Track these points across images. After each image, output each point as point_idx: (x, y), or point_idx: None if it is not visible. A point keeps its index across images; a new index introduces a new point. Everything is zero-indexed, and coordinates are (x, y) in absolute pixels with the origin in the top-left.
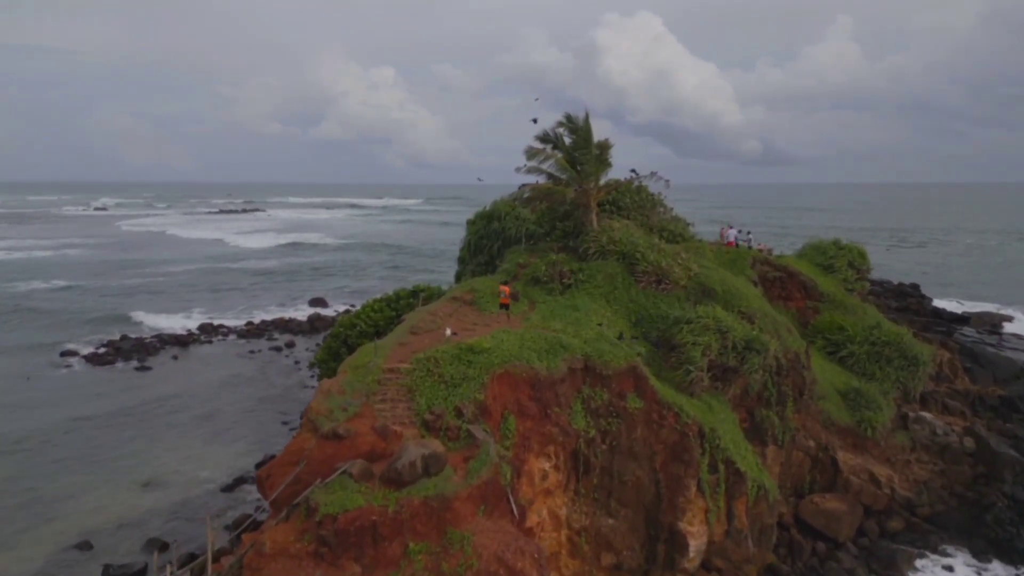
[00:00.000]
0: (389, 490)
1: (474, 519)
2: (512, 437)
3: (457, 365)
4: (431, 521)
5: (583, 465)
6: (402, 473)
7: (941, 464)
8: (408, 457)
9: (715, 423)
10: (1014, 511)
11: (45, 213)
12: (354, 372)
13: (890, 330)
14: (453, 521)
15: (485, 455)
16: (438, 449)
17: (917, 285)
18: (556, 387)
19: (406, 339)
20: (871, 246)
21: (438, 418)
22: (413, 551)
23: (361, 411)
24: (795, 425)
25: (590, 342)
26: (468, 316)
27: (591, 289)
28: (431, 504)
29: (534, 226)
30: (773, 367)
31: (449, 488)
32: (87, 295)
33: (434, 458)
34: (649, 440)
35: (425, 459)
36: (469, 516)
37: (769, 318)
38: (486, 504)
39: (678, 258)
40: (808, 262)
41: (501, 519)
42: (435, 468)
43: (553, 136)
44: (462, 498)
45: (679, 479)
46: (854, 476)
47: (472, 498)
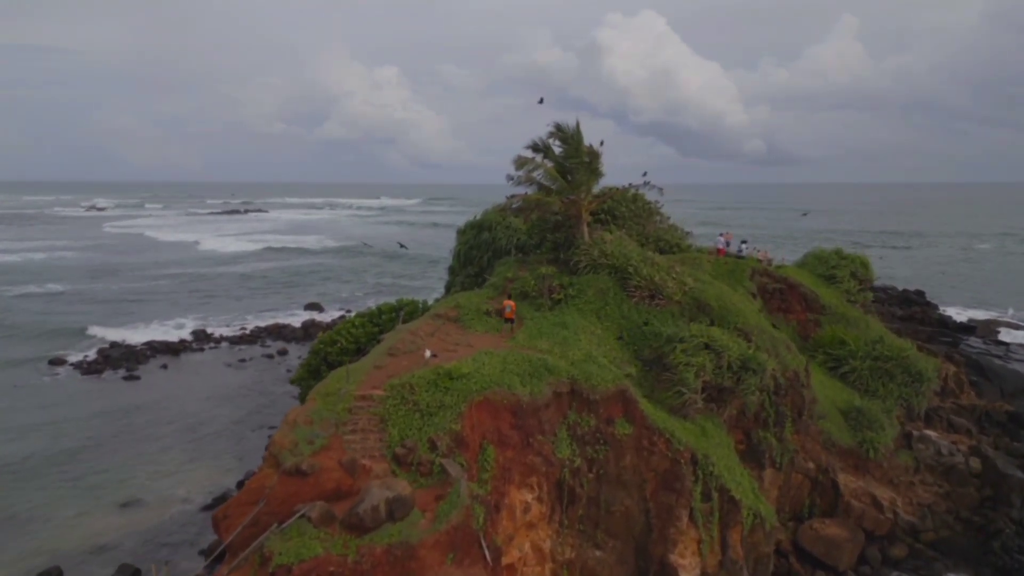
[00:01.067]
0: (350, 537)
1: (441, 568)
2: (491, 469)
3: (433, 392)
4: (394, 571)
5: (568, 496)
6: (364, 519)
7: (946, 486)
8: (371, 501)
9: (709, 448)
10: (1023, 538)
11: (34, 214)
12: (323, 400)
13: (893, 344)
14: (418, 571)
15: (455, 496)
16: (404, 491)
17: (922, 292)
18: (540, 413)
19: (383, 362)
20: (875, 249)
21: (410, 452)
22: None
23: (329, 443)
24: (794, 447)
25: (577, 364)
26: (451, 335)
27: (581, 305)
28: (394, 553)
29: (525, 237)
30: (771, 387)
31: (414, 535)
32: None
33: (399, 501)
34: (639, 467)
35: (389, 503)
36: (436, 565)
37: (767, 335)
38: (455, 551)
39: (672, 272)
40: (809, 272)
41: (472, 566)
42: (400, 512)
43: (543, 145)
44: (428, 545)
45: (670, 508)
46: (855, 500)
47: (439, 545)
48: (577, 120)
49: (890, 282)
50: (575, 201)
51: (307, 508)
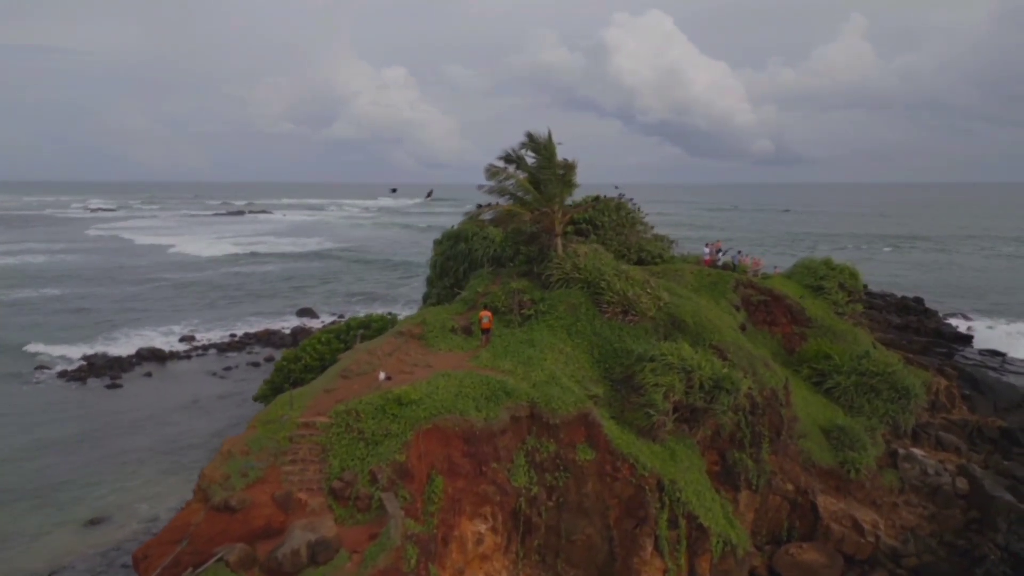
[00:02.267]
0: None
1: None
2: (438, 501)
3: (380, 419)
4: None
5: (525, 525)
6: (283, 563)
7: (931, 508)
8: (291, 544)
9: (677, 473)
10: (1008, 564)
11: (28, 215)
12: (264, 428)
13: (880, 359)
14: None
15: (386, 538)
16: (328, 533)
17: (921, 299)
18: (495, 440)
19: (334, 385)
20: (879, 252)
21: (348, 485)
22: None
23: (265, 476)
24: (771, 467)
25: (539, 385)
26: (412, 354)
27: (552, 321)
28: None
29: (500, 249)
30: (746, 406)
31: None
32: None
33: (322, 545)
34: (602, 494)
35: (311, 546)
36: None
37: (744, 352)
38: None
39: (647, 286)
40: (797, 283)
41: None
42: (323, 556)
43: (515, 155)
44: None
45: (634, 537)
46: (835, 523)
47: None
48: (549, 130)
49: (893, 288)
50: (546, 213)
51: (225, 550)
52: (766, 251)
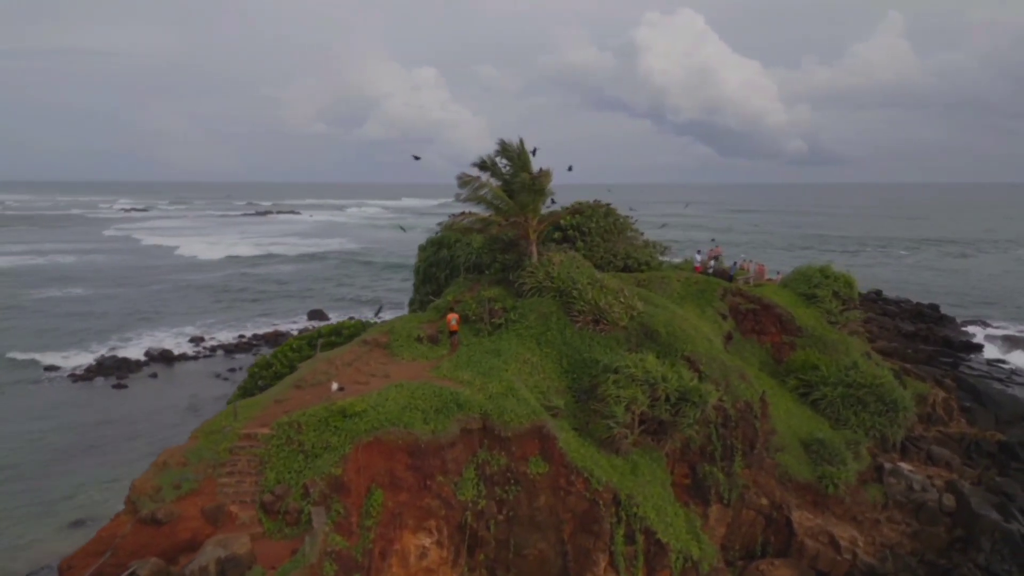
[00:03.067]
0: None
1: None
2: (376, 515)
3: (321, 432)
4: None
5: (472, 539)
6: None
7: (915, 525)
8: (200, 561)
9: (635, 487)
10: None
11: (56, 215)
12: (205, 439)
13: (868, 371)
14: None
15: (302, 554)
16: (240, 550)
17: (936, 305)
18: (444, 453)
19: (285, 395)
20: (904, 257)
21: (278, 499)
22: None
23: (199, 488)
24: (744, 481)
25: (495, 397)
26: (372, 364)
27: (522, 330)
28: None
29: (478, 256)
30: (718, 419)
31: None
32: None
33: (232, 562)
34: (555, 508)
35: (221, 562)
36: None
37: (717, 363)
38: None
39: (620, 295)
40: (791, 291)
41: None
42: (234, 573)
43: (489, 163)
44: None
45: (588, 552)
46: (810, 539)
47: None
48: (521, 138)
49: (916, 293)
50: (517, 222)
51: (138, 564)
52: (783, 255)
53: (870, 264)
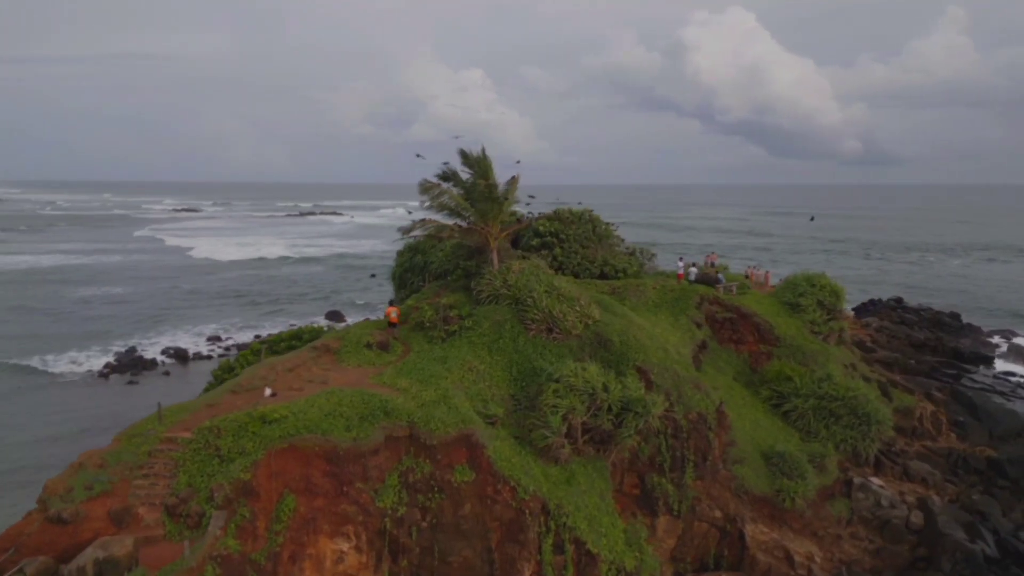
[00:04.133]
0: None
1: None
2: (286, 520)
3: (239, 437)
4: None
5: (393, 545)
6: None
7: (878, 542)
8: (79, 562)
9: (567, 497)
10: None
11: (102, 216)
12: (128, 441)
13: (842, 383)
14: None
15: (184, 559)
16: (119, 552)
17: (958, 314)
18: (365, 460)
19: (219, 400)
20: (942, 262)
21: (182, 502)
22: None
23: (113, 489)
24: (695, 493)
25: (426, 405)
26: (314, 370)
27: (474, 337)
28: None
29: (445, 264)
30: (668, 429)
31: None
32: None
33: (111, 563)
34: (482, 517)
35: (98, 563)
36: None
37: (670, 373)
38: None
39: (576, 304)
40: (775, 300)
41: None
42: (112, 574)
43: (451, 172)
44: None
45: (514, 561)
46: (763, 553)
47: None
48: (483, 147)
49: (946, 299)
50: (472, 229)
51: (27, 562)
52: (812, 259)
53: (906, 269)
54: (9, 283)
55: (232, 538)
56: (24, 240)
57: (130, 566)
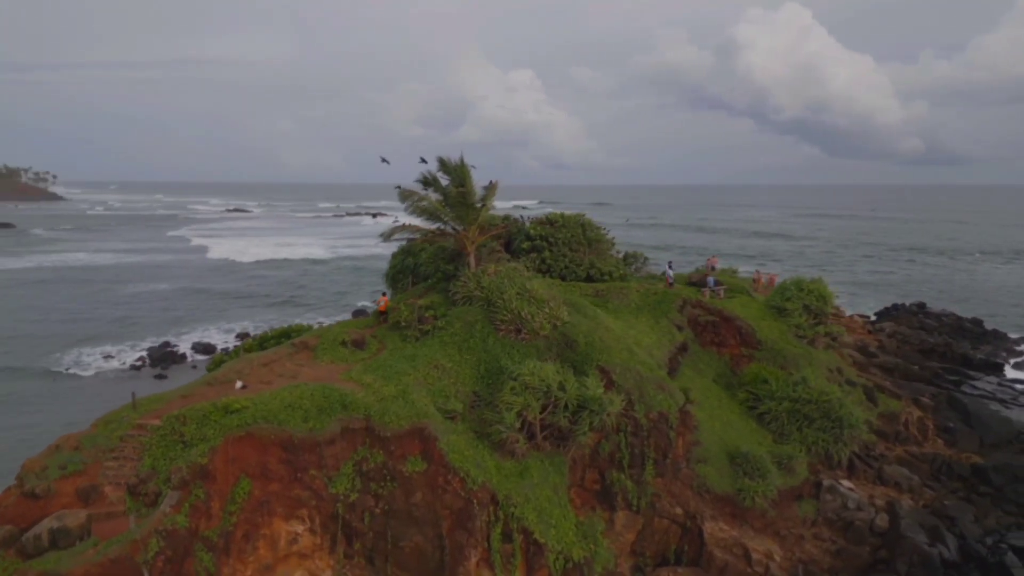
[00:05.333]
0: (18, 560)
1: None
2: (241, 502)
3: (202, 425)
4: None
5: (346, 529)
6: (26, 545)
7: (840, 543)
8: (36, 531)
9: (517, 489)
10: None
11: (145, 216)
12: (104, 427)
13: (817, 387)
14: None
15: (130, 531)
16: (72, 523)
17: (980, 320)
18: (321, 449)
19: (194, 391)
20: (987, 267)
21: (142, 482)
22: None
23: (84, 469)
24: (655, 490)
25: (385, 400)
26: (288, 365)
27: (446, 337)
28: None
29: (428, 266)
30: (628, 427)
31: (65, 563)
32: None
33: (63, 532)
34: (433, 505)
35: (53, 532)
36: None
37: (632, 373)
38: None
39: (545, 306)
40: (763, 304)
41: None
42: (64, 542)
43: (431, 178)
44: (78, 574)
45: (462, 547)
46: (720, 550)
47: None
48: (461, 155)
49: (978, 307)
50: (450, 233)
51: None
52: (836, 263)
53: (944, 275)
54: (59, 280)
55: (182, 515)
56: (70, 239)
57: (82, 536)
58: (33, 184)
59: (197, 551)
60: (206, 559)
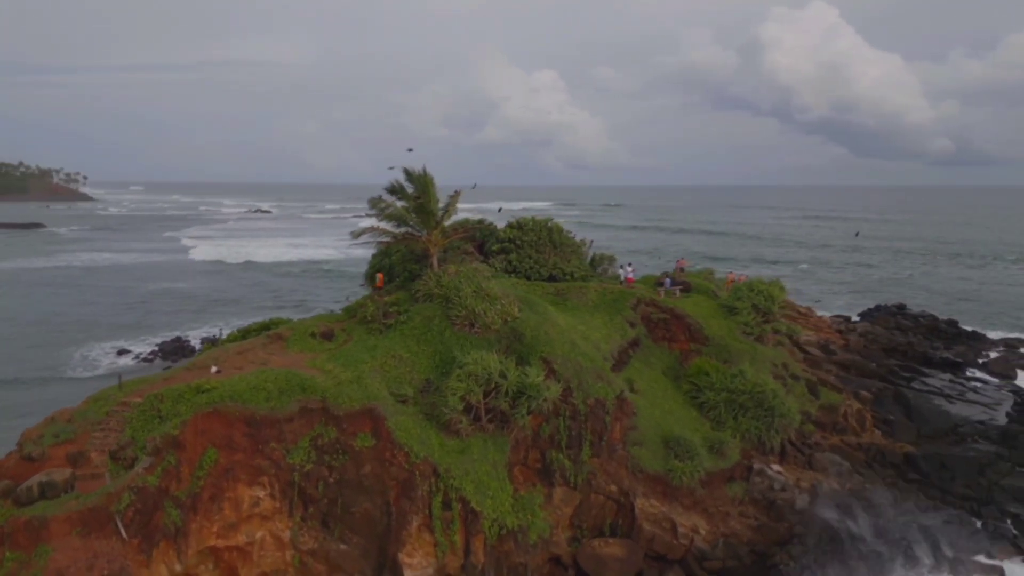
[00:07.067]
0: (13, 508)
1: (67, 538)
2: (208, 468)
3: (176, 403)
4: (30, 536)
5: (302, 495)
6: (20, 495)
7: (762, 519)
8: (28, 483)
9: (456, 463)
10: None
11: (156, 216)
12: (93, 403)
13: (752, 379)
14: (47, 538)
15: (105, 487)
16: (59, 479)
17: (955, 321)
18: (281, 425)
19: (175, 374)
20: (1014, 268)
21: (122, 449)
22: (8, 558)
23: (75, 438)
24: (592, 469)
25: (341, 384)
26: (260, 353)
27: (407, 331)
28: (32, 523)
29: (398, 266)
30: (567, 412)
31: (51, 510)
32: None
33: (51, 485)
34: (381, 476)
35: (41, 485)
36: (63, 535)
37: (572, 364)
38: (86, 526)
39: (498, 303)
40: (715, 302)
41: (105, 539)
42: (51, 493)
43: (399, 186)
44: (60, 520)
45: (405, 513)
46: (649, 523)
47: (71, 521)
48: (424, 166)
49: (971, 310)
50: (415, 237)
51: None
52: (827, 266)
53: (948, 275)
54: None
55: (153, 477)
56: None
57: (67, 489)
58: (64, 185)
59: (167, 507)
60: (174, 514)
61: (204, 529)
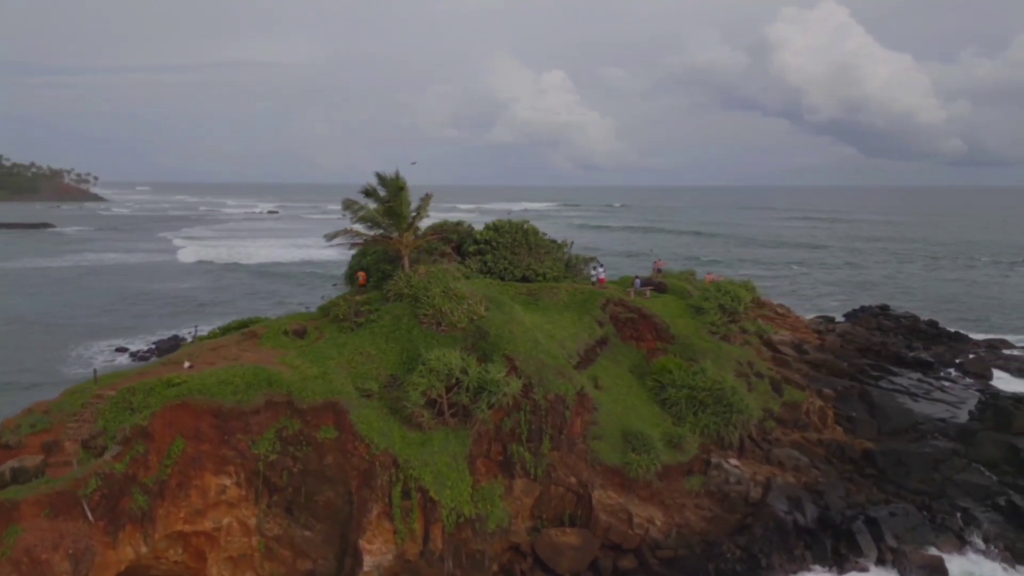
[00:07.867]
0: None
1: (35, 519)
2: (175, 457)
3: (147, 396)
4: (1, 517)
5: (267, 484)
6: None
7: (717, 511)
8: (2, 468)
9: (416, 455)
10: (743, 563)
11: (156, 216)
12: (70, 396)
13: (712, 377)
14: (17, 519)
15: (73, 473)
16: (30, 464)
17: (935, 322)
18: (247, 417)
19: (149, 369)
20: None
21: (93, 438)
22: None
23: (51, 428)
24: (552, 461)
25: (307, 379)
26: (233, 350)
27: (376, 329)
28: (4, 505)
29: (373, 267)
30: (528, 407)
31: (22, 494)
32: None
33: (22, 471)
34: (343, 466)
35: (14, 471)
36: (32, 517)
37: (534, 361)
38: (53, 508)
39: (465, 303)
40: (683, 302)
41: (73, 521)
42: (23, 478)
43: (372, 189)
44: (30, 503)
45: (366, 502)
46: (606, 514)
47: (39, 503)
48: (397, 170)
49: (964, 310)
50: (387, 239)
51: None
52: (817, 269)
53: (946, 277)
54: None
55: (121, 464)
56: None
57: (37, 475)
58: (75, 185)
59: (134, 493)
60: (141, 500)
61: (171, 515)
